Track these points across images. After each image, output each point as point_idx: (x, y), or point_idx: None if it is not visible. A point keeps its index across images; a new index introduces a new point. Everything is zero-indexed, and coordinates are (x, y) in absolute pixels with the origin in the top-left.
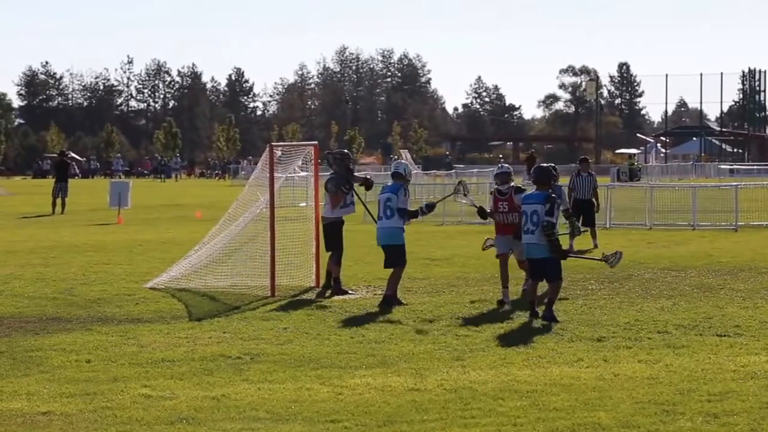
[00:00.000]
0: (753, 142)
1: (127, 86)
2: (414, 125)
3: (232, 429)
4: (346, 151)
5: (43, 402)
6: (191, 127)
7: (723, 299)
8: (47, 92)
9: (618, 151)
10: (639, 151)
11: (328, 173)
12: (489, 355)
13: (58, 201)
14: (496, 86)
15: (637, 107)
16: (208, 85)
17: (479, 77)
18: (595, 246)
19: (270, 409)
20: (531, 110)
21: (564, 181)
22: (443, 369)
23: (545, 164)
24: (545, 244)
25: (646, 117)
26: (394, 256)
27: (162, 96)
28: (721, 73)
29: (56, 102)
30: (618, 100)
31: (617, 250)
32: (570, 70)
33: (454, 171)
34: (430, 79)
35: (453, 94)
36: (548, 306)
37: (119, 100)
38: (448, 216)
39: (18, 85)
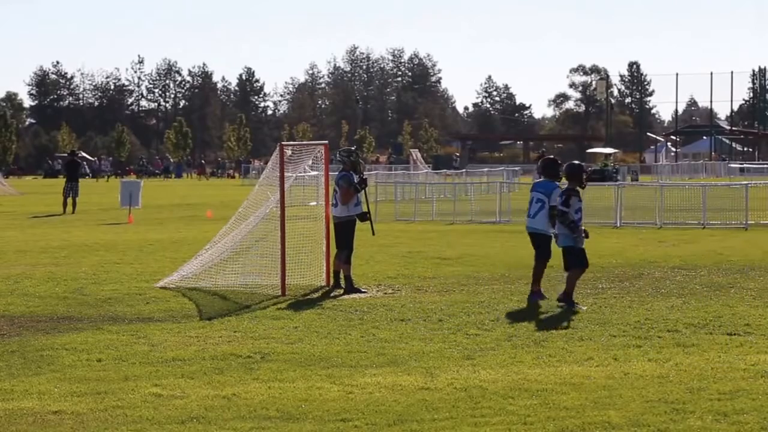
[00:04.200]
0: (763, 140)
1: (138, 86)
2: (424, 124)
3: (242, 428)
4: (353, 148)
5: (54, 401)
6: (202, 127)
7: (733, 298)
8: (58, 92)
9: (590, 150)
10: (616, 151)
11: (338, 171)
12: (499, 354)
13: (69, 201)
14: (507, 85)
15: (647, 106)
16: (219, 85)
17: (489, 76)
18: None
19: (280, 408)
20: (541, 109)
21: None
22: (453, 368)
23: (577, 161)
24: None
25: (657, 116)
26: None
27: (173, 96)
28: (732, 72)
29: (67, 102)
30: (628, 99)
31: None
32: (580, 70)
33: (464, 171)
34: (440, 78)
35: (463, 94)
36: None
37: (130, 100)
38: (458, 215)
39: (29, 85)
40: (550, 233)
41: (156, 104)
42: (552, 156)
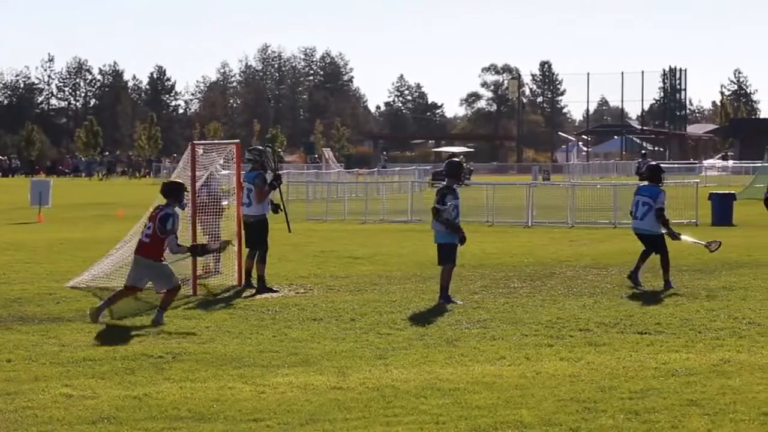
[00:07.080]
0: (674, 140)
1: (48, 84)
2: (336, 124)
3: (153, 428)
4: (261, 147)
5: None
6: (113, 126)
7: (644, 297)
8: None
9: (437, 149)
10: (469, 150)
11: (248, 170)
12: (411, 353)
13: None
14: (419, 84)
15: (558, 105)
16: (130, 84)
17: (401, 75)
18: None
19: (192, 408)
20: (453, 108)
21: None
22: (366, 367)
23: (456, 159)
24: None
25: (568, 115)
26: None
27: (83, 94)
28: (642, 72)
29: None
30: (540, 99)
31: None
32: (492, 69)
33: (376, 170)
34: (352, 77)
35: (375, 93)
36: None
37: (40, 99)
38: (370, 214)
39: None
40: (661, 232)
41: (66, 103)
42: (657, 162)
